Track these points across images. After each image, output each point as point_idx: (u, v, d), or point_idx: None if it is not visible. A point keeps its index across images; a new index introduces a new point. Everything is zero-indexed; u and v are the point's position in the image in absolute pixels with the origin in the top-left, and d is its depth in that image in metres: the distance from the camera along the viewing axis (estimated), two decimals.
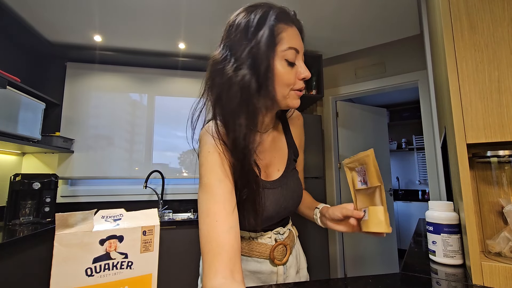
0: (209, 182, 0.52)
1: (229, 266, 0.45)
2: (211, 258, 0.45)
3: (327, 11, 1.97)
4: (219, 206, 0.50)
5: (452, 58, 0.63)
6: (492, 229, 0.63)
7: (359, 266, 2.64)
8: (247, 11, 0.59)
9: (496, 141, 0.58)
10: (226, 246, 0.46)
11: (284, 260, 0.69)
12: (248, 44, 0.55)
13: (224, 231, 0.47)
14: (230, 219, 0.49)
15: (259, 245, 0.67)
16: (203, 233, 0.48)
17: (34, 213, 1.96)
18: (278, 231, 0.70)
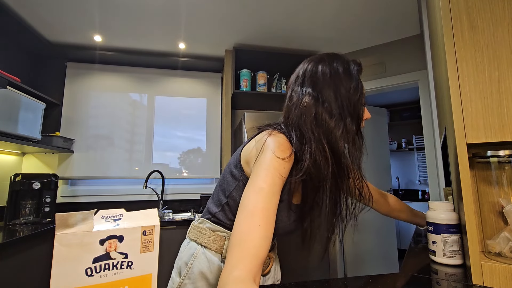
0: (267, 188, 0.54)
1: (255, 270, 0.46)
2: (242, 256, 0.46)
3: (327, 11, 1.97)
4: (267, 214, 0.51)
5: (452, 58, 0.63)
6: (492, 229, 0.63)
7: (359, 266, 2.64)
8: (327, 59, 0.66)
9: (496, 141, 0.58)
10: (261, 252, 0.48)
11: (266, 270, 0.73)
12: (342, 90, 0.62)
13: (262, 237, 0.49)
14: (269, 229, 0.51)
15: None
16: (242, 230, 0.49)
17: (34, 213, 1.96)
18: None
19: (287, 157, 0.58)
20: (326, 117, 0.60)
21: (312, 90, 0.63)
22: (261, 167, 0.56)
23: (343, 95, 0.62)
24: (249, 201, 0.52)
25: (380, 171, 2.96)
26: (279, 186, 0.55)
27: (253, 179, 0.55)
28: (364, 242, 2.70)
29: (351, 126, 0.62)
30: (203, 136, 2.71)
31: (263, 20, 2.06)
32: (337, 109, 0.61)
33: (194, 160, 2.66)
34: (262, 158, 0.58)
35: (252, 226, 0.49)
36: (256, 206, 0.51)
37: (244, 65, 2.42)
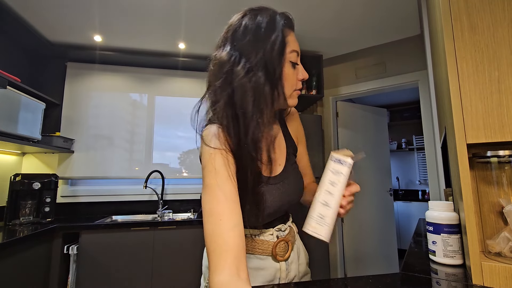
0: (212, 182, 0.53)
1: (235, 263, 0.45)
2: (217, 256, 0.46)
3: (327, 11, 1.97)
4: (222, 206, 0.50)
5: (452, 58, 0.63)
6: (492, 229, 0.64)
7: (359, 266, 2.64)
8: (252, 13, 0.61)
9: (496, 141, 0.58)
10: (231, 244, 0.47)
11: (286, 256, 0.70)
12: (260, 46, 0.57)
13: (228, 229, 0.48)
14: (234, 218, 0.50)
15: (261, 242, 0.68)
16: (208, 232, 0.49)
17: (34, 213, 1.96)
18: (280, 228, 0.71)
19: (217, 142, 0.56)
20: (238, 71, 0.56)
21: (228, 45, 0.60)
22: (205, 165, 0.56)
23: (259, 48, 0.57)
24: (204, 204, 0.52)
25: (380, 171, 2.96)
26: (223, 174, 0.53)
27: (203, 181, 0.55)
28: (364, 242, 2.70)
29: (268, 86, 0.57)
30: None
31: None
32: (250, 63, 0.56)
33: (194, 160, 2.66)
34: (203, 156, 0.57)
35: (214, 224, 0.49)
36: (209, 204, 0.51)
37: None
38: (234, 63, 0.58)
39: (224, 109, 0.57)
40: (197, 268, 2.02)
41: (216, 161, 0.55)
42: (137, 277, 1.92)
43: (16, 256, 1.49)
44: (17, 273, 1.49)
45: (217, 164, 0.54)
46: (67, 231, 1.87)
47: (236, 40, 0.59)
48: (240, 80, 0.56)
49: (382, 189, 2.94)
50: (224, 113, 0.57)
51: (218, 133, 0.57)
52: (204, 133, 0.60)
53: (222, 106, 0.57)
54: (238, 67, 0.57)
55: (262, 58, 0.57)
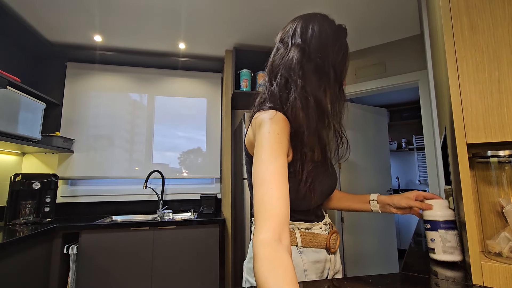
0: (266, 157, 0.57)
1: (278, 229, 0.49)
2: (264, 218, 0.50)
3: (326, 11, 1.97)
4: (273, 177, 0.55)
5: (452, 58, 0.63)
6: (492, 229, 0.63)
7: (359, 266, 2.64)
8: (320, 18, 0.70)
9: (496, 141, 0.58)
10: (278, 210, 0.51)
11: (336, 247, 0.76)
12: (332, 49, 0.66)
13: (277, 197, 0.52)
14: (282, 189, 0.54)
15: (316, 236, 0.73)
16: (258, 198, 0.53)
17: (34, 213, 1.96)
18: (325, 221, 0.77)
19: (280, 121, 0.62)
20: (311, 69, 0.65)
21: (301, 42, 0.67)
22: (259, 143, 0.60)
23: (329, 53, 0.66)
24: (256, 175, 0.57)
25: (380, 171, 2.96)
26: (280, 150, 0.58)
27: (255, 156, 0.59)
28: (364, 242, 2.70)
29: (334, 82, 0.67)
30: (203, 136, 2.71)
31: (263, 20, 2.06)
32: (322, 64, 0.65)
33: (194, 160, 2.66)
34: (260, 135, 0.61)
35: (264, 192, 0.53)
36: (261, 175, 0.55)
37: (244, 65, 2.42)
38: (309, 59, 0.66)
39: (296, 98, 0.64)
40: (197, 268, 2.02)
41: (273, 139, 0.59)
42: (137, 277, 1.92)
43: (16, 256, 1.49)
44: (17, 273, 1.49)
45: (273, 142, 0.59)
46: (67, 231, 1.87)
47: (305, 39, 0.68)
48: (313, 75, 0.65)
49: (382, 189, 2.94)
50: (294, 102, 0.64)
51: (278, 117, 0.63)
52: (263, 115, 0.64)
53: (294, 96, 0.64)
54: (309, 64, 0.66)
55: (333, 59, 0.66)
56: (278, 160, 0.57)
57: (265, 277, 0.42)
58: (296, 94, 0.64)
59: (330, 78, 0.66)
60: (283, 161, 0.58)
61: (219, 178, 2.69)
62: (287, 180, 0.57)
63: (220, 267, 2.06)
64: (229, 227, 2.28)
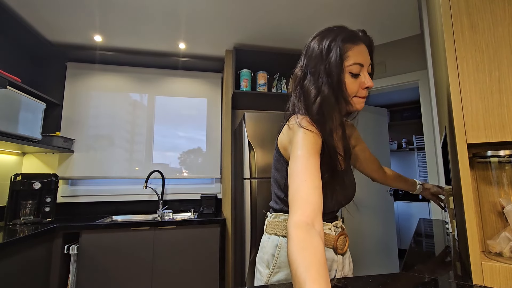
0: (301, 154, 0.61)
1: (312, 215, 0.52)
2: (299, 204, 0.54)
3: (327, 11, 1.97)
4: (307, 171, 0.58)
5: (452, 58, 0.63)
6: (493, 229, 0.63)
7: (359, 266, 2.64)
8: (321, 36, 0.73)
9: (497, 141, 0.58)
10: (312, 199, 0.54)
11: (344, 249, 0.78)
12: (322, 63, 0.70)
13: (311, 188, 0.56)
14: (316, 181, 0.58)
15: (325, 235, 0.75)
16: (293, 188, 0.57)
17: (35, 213, 1.96)
18: (336, 224, 0.80)
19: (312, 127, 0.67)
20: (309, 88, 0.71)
21: (303, 64, 0.75)
22: (295, 142, 0.65)
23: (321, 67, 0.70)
24: (293, 169, 0.60)
25: None
26: (314, 150, 0.63)
27: (292, 154, 0.64)
28: (364, 242, 2.70)
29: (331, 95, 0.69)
30: (203, 136, 2.71)
31: (263, 20, 2.06)
32: (317, 81, 0.70)
33: (194, 160, 2.66)
34: (295, 136, 0.67)
35: (299, 182, 0.57)
36: (298, 168, 0.59)
37: (244, 65, 2.42)
38: (304, 78, 0.74)
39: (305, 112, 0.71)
40: (197, 268, 2.02)
41: (308, 139, 0.64)
42: (137, 277, 1.92)
43: (16, 256, 1.49)
44: (17, 273, 1.49)
45: (308, 142, 0.64)
46: (68, 231, 1.87)
47: (307, 59, 0.74)
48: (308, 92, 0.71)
49: (382, 189, 2.94)
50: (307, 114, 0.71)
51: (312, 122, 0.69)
52: (300, 118, 0.70)
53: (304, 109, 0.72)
54: (305, 81, 0.73)
55: (324, 73, 0.69)
56: (312, 157, 0.62)
57: (295, 255, 0.46)
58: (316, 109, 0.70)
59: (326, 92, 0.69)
60: (317, 160, 0.63)
61: (219, 178, 2.69)
62: (320, 176, 0.61)
63: (220, 267, 2.06)
64: (229, 227, 2.28)
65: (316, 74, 0.71)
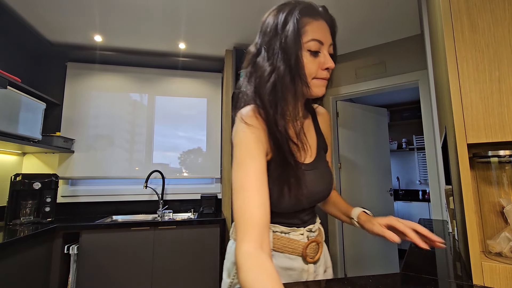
0: (242, 159, 0.57)
1: (259, 238, 0.50)
2: (244, 229, 0.50)
3: None
4: (251, 183, 0.54)
5: (452, 58, 0.63)
6: (493, 229, 0.63)
7: (359, 266, 2.64)
8: (277, 9, 0.65)
9: (497, 141, 0.58)
10: (258, 220, 0.51)
11: (316, 258, 0.70)
12: (277, 37, 0.61)
13: (256, 206, 0.52)
14: (261, 196, 0.54)
15: (292, 241, 0.68)
16: (237, 206, 0.53)
17: (35, 213, 1.96)
18: (310, 228, 0.71)
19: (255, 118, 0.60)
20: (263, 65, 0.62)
21: (257, 40, 0.67)
22: (236, 143, 0.59)
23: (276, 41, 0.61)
24: (234, 181, 0.56)
25: (381, 171, 2.95)
26: (255, 151, 0.57)
27: (233, 158, 0.59)
28: (364, 242, 2.70)
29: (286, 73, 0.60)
30: (203, 136, 2.71)
31: None
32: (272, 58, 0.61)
33: (194, 160, 2.66)
34: (235, 135, 0.61)
35: (243, 200, 0.53)
36: (240, 181, 0.55)
37: None
38: (258, 54, 0.64)
39: (254, 97, 0.63)
40: (197, 268, 2.02)
41: (249, 139, 0.58)
42: (137, 277, 1.92)
43: (16, 256, 1.49)
44: (17, 273, 1.49)
45: (249, 142, 0.58)
46: (68, 231, 1.87)
47: (261, 34, 0.66)
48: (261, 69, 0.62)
49: (382, 189, 2.94)
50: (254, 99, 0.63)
51: (253, 113, 0.62)
52: (239, 113, 0.63)
53: (251, 94, 0.64)
54: (259, 57, 0.63)
55: (279, 48, 0.60)
56: (255, 162, 0.56)
57: (251, 285, 0.44)
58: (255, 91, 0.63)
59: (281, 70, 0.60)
60: (260, 163, 0.57)
61: (219, 178, 2.69)
62: (266, 184, 0.56)
63: (220, 267, 2.06)
64: (230, 227, 2.28)
65: (271, 50, 0.62)
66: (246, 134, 0.59)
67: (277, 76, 0.60)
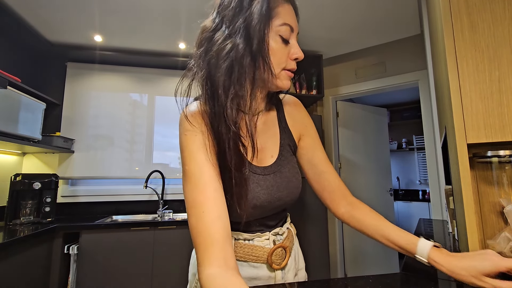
0: (190, 169, 0.50)
1: (221, 254, 0.45)
2: (203, 249, 0.45)
3: (327, 11, 1.97)
4: (204, 196, 0.48)
5: (452, 57, 0.63)
6: (493, 229, 0.63)
7: (359, 266, 2.64)
8: None
9: (497, 141, 0.58)
10: (216, 236, 0.46)
11: (283, 264, 0.63)
12: (242, 12, 0.52)
13: (212, 221, 0.47)
14: (217, 208, 0.48)
15: (255, 249, 0.61)
16: (192, 224, 0.48)
17: (35, 213, 1.96)
18: (277, 231, 0.64)
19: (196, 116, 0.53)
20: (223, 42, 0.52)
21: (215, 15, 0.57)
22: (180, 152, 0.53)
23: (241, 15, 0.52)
24: (185, 193, 0.51)
25: (381, 171, 2.95)
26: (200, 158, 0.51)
27: (182, 167, 0.53)
28: (364, 242, 2.70)
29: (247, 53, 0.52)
30: None
31: None
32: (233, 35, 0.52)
33: None
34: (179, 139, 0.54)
35: (197, 217, 0.47)
36: (191, 194, 0.49)
37: None
38: (215, 30, 0.54)
39: (204, 80, 0.54)
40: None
41: (193, 144, 0.51)
42: (137, 277, 1.92)
43: (16, 256, 1.49)
44: (17, 273, 1.49)
45: (194, 147, 0.51)
46: (68, 231, 1.87)
47: (221, 8, 0.55)
48: (218, 46, 0.52)
49: (382, 189, 2.94)
50: (203, 85, 0.54)
51: (197, 111, 0.54)
52: (181, 114, 0.55)
53: (201, 77, 0.54)
54: (217, 33, 0.53)
55: (243, 25, 0.51)
56: (204, 171, 0.50)
57: None
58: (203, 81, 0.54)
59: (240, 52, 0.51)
60: (210, 171, 0.50)
61: None
62: (222, 192, 0.50)
63: None
64: None
65: (233, 26, 0.52)
66: (189, 138, 0.52)
67: (235, 55, 0.51)
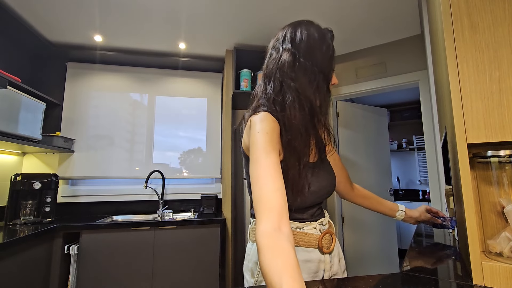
0: (258, 156, 0.61)
1: (277, 219, 0.52)
2: (262, 212, 0.53)
3: (327, 11, 1.97)
4: (267, 173, 0.58)
5: (453, 58, 0.63)
6: (493, 229, 0.63)
7: (359, 266, 2.64)
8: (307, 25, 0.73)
9: (497, 141, 0.58)
10: (275, 203, 0.54)
11: (331, 248, 0.76)
12: (319, 53, 0.70)
13: (272, 191, 0.55)
14: (277, 182, 0.57)
15: (307, 235, 0.74)
16: (255, 194, 0.57)
17: (35, 213, 1.96)
18: (322, 221, 0.78)
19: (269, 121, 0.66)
20: (301, 72, 0.68)
21: (291, 47, 0.71)
22: (252, 143, 0.64)
23: (317, 55, 0.70)
24: (251, 174, 0.60)
25: (381, 171, 2.95)
26: (270, 147, 0.62)
27: (250, 156, 0.63)
28: (364, 242, 2.70)
29: (322, 83, 0.70)
30: (204, 136, 2.71)
31: (263, 20, 2.06)
32: (311, 66, 0.69)
33: (194, 160, 2.66)
34: (251, 136, 0.65)
35: (260, 186, 0.56)
36: (256, 172, 0.59)
37: (245, 65, 2.42)
38: (296, 62, 0.69)
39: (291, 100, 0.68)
40: (197, 268, 2.02)
41: (263, 139, 0.63)
42: (137, 277, 1.92)
43: (16, 256, 1.49)
44: (17, 273, 1.49)
45: (263, 140, 0.63)
46: (68, 231, 1.87)
47: (294, 44, 0.71)
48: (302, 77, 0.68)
49: (382, 189, 2.94)
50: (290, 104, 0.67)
51: (267, 117, 0.67)
52: (255, 117, 0.68)
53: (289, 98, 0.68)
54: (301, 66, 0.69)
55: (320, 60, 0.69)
56: (270, 156, 0.61)
57: (267, 265, 0.45)
58: (290, 96, 0.67)
59: (320, 79, 0.69)
60: (275, 158, 0.61)
61: (219, 178, 2.69)
62: (281, 174, 0.60)
63: (221, 266, 2.06)
64: (230, 227, 2.28)
65: (311, 59, 0.69)
66: (261, 134, 0.64)
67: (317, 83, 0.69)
